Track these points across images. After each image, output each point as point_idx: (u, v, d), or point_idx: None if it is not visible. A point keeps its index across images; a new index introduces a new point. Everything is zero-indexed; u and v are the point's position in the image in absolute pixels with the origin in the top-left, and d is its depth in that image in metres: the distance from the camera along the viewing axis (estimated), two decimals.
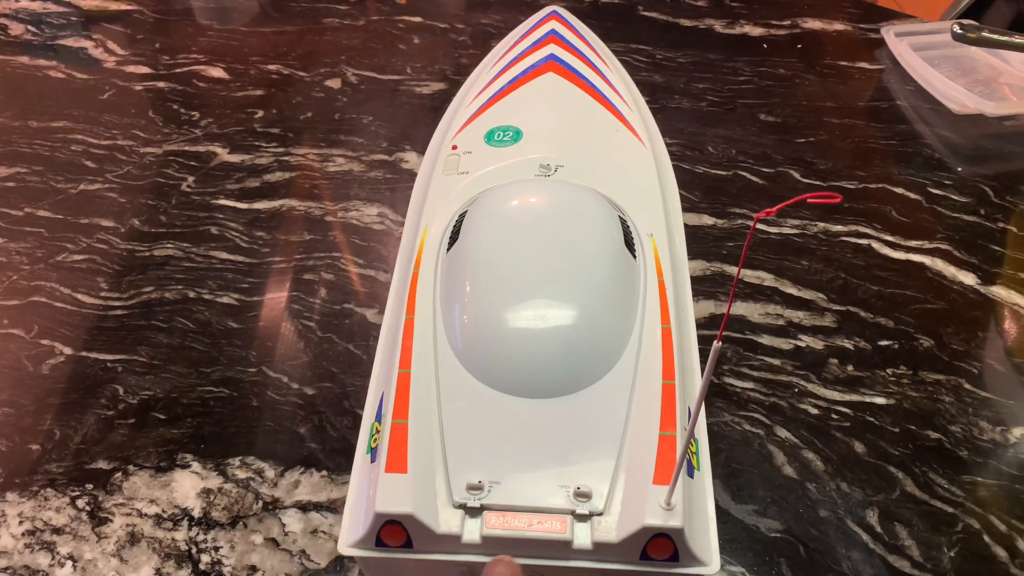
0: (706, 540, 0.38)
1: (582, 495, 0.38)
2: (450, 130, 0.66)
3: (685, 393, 0.43)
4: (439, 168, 0.60)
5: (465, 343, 0.44)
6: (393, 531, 0.37)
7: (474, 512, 0.38)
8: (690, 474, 0.40)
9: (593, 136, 0.63)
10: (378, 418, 0.43)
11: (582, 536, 0.37)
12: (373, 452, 0.41)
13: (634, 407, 0.41)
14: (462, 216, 0.52)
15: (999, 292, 0.67)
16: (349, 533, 0.39)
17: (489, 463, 0.39)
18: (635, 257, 0.50)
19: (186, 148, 0.83)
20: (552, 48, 0.71)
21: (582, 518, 0.37)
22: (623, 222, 0.52)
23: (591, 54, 0.72)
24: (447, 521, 0.37)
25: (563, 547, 0.37)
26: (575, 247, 0.48)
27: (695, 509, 0.39)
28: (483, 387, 0.43)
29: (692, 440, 0.42)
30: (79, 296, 0.66)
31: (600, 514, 0.37)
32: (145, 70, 0.96)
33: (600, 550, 0.37)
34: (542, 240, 0.48)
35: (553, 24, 0.76)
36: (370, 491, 0.39)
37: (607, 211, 0.51)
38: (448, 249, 0.50)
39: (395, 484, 0.38)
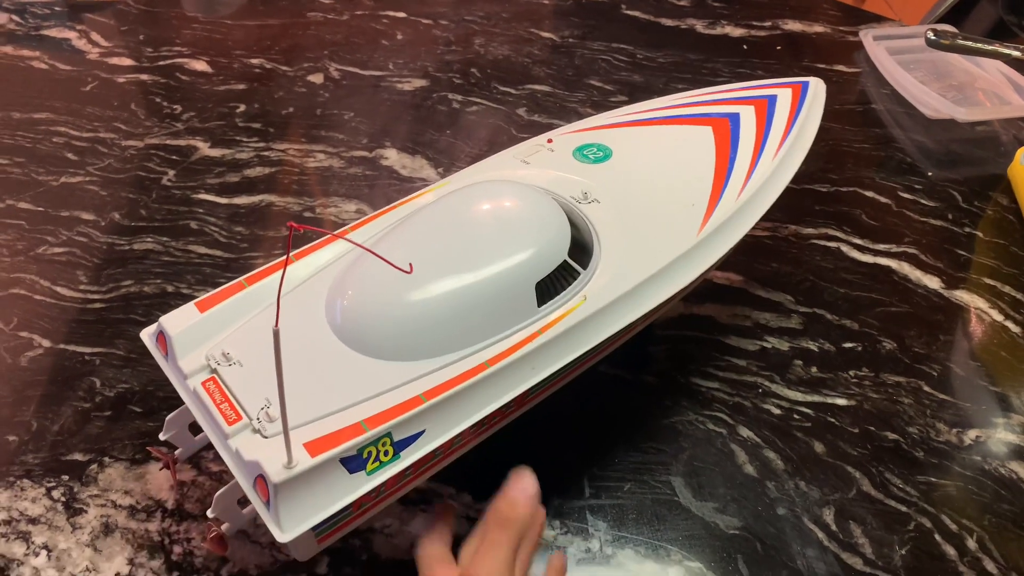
0: (300, 516, 0.39)
1: (268, 418, 0.42)
2: (586, 123, 0.66)
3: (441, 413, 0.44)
4: (519, 148, 0.62)
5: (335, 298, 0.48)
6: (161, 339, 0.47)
7: (207, 371, 0.45)
8: (352, 468, 0.41)
9: (667, 204, 0.56)
10: None
11: (236, 439, 0.41)
12: None
13: (380, 395, 0.43)
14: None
15: (962, 296, 0.69)
16: None
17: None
18: (539, 303, 0.47)
19: (167, 142, 0.84)
20: (746, 111, 0.64)
21: (252, 430, 0.42)
22: (567, 268, 0.49)
23: (773, 141, 0.61)
24: (193, 362, 0.45)
25: (221, 434, 0.42)
26: (473, 255, 0.48)
27: (318, 493, 0.40)
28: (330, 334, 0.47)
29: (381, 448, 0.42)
30: (58, 289, 0.67)
31: (261, 436, 0.41)
32: (128, 62, 0.96)
33: (235, 457, 0.41)
34: (449, 236, 0.50)
35: (786, 93, 0.66)
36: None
37: (543, 248, 0.48)
38: None
39: (187, 311, 0.47)
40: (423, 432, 0.42)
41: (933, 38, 0.88)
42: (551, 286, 0.48)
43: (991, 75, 0.95)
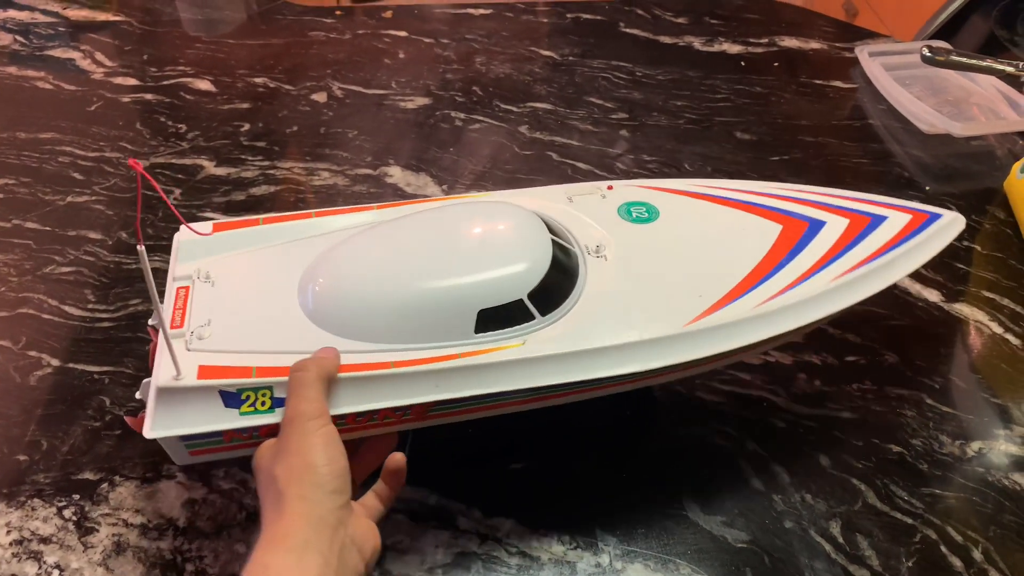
0: (168, 423, 0.45)
1: (199, 336, 0.48)
2: (658, 182, 0.62)
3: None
4: (574, 186, 0.61)
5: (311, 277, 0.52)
6: None
7: (188, 280, 0.52)
8: (227, 403, 0.45)
9: (674, 286, 0.52)
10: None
11: (174, 343, 0.47)
12: None
13: (295, 354, 0.47)
14: None
15: (962, 309, 0.69)
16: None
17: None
18: (476, 330, 0.48)
19: (173, 161, 0.84)
20: (836, 222, 0.57)
21: (185, 340, 0.48)
22: (521, 307, 0.49)
23: (845, 263, 0.54)
24: (186, 268, 0.53)
25: (164, 333, 0.46)
26: (434, 264, 0.50)
27: (190, 411, 0.45)
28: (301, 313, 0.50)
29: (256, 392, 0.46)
30: (66, 308, 0.68)
31: (185, 347, 0.47)
32: (133, 82, 0.97)
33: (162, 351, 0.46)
34: (426, 242, 0.52)
35: (901, 219, 0.58)
36: None
37: (501, 281, 0.49)
38: None
39: (204, 227, 0.56)
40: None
41: (928, 54, 0.89)
42: (497, 318, 0.48)
43: (986, 90, 0.96)
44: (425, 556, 0.51)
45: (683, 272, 0.53)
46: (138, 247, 0.39)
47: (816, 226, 0.57)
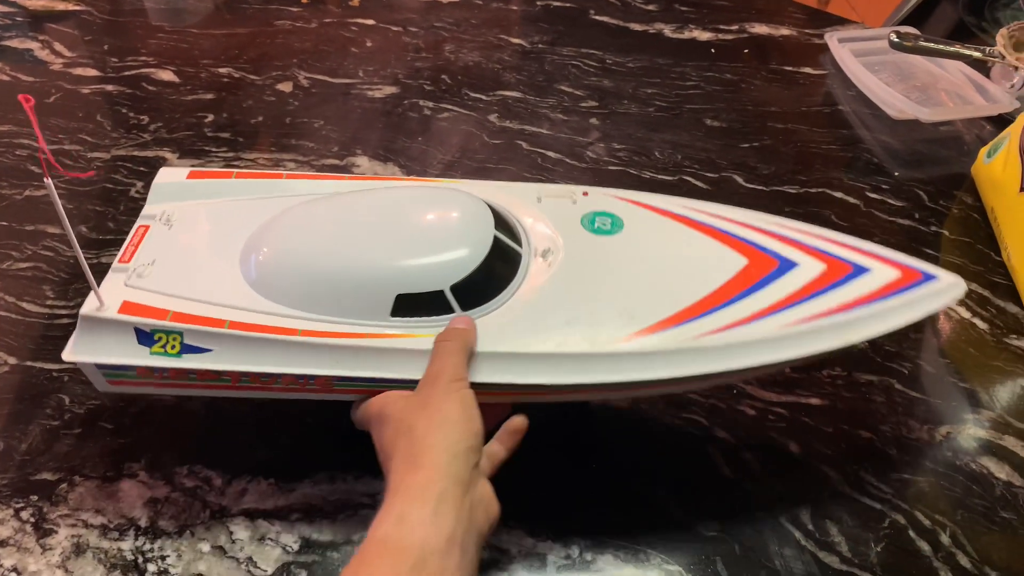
0: (85, 349, 0.48)
1: (139, 274, 0.51)
2: (635, 195, 0.58)
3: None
4: (548, 187, 0.58)
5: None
6: None
7: (151, 219, 0.56)
8: (140, 340, 0.48)
9: (609, 303, 0.50)
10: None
11: (114, 273, 0.52)
12: None
13: (219, 306, 0.49)
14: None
15: None
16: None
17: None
18: (392, 313, 0.48)
19: (135, 153, 0.82)
20: (811, 265, 0.52)
21: (126, 276, 0.51)
22: (441, 299, 0.48)
23: (807, 310, 0.50)
24: (153, 209, 0.57)
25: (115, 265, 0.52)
26: (367, 241, 0.51)
27: (105, 342, 0.48)
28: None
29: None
30: (24, 305, 0.66)
31: (124, 283, 0.51)
32: (93, 72, 0.95)
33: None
34: (367, 218, 0.52)
35: (888, 273, 0.52)
36: None
37: (425, 269, 0.49)
38: None
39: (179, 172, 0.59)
40: (211, 351, 0.48)
41: (896, 40, 0.89)
42: (415, 305, 0.48)
43: (953, 76, 0.96)
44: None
45: (625, 290, 0.50)
46: (45, 180, 0.40)
47: (786, 266, 0.52)
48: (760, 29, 1.07)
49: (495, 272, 0.50)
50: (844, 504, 0.54)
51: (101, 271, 0.68)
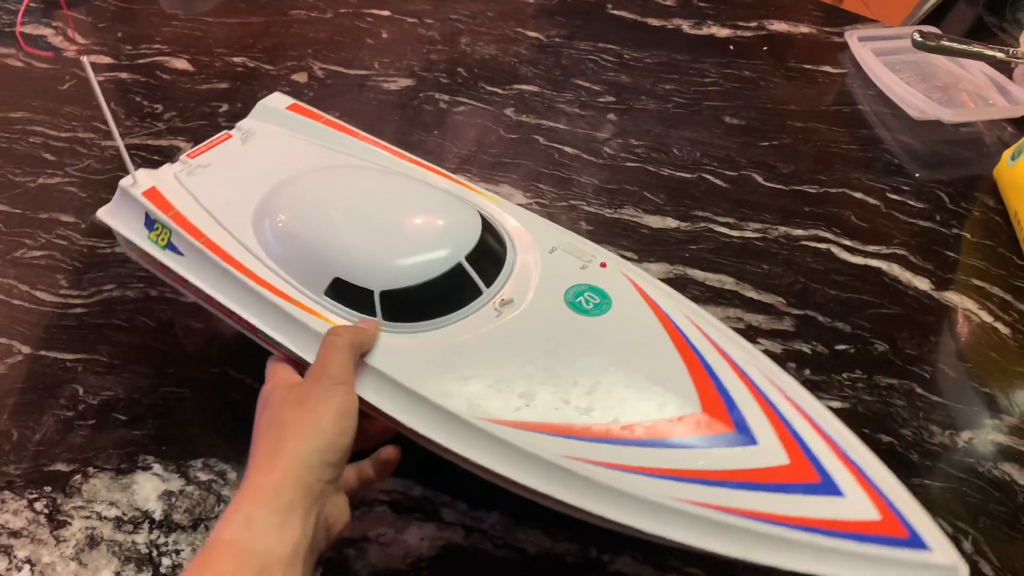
0: (113, 214, 0.56)
1: (189, 172, 0.57)
2: (657, 287, 0.52)
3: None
4: (573, 243, 0.53)
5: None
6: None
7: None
8: (145, 224, 0.54)
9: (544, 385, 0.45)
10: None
11: (169, 166, 0.58)
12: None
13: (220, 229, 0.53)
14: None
15: (952, 298, 0.69)
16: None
17: None
18: (325, 292, 0.49)
19: (148, 142, 0.82)
20: (763, 433, 0.42)
21: (181, 169, 0.57)
22: (366, 296, 0.48)
23: (736, 500, 0.40)
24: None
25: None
26: (340, 215, 0.51)
27: (126, 214, 0.55)
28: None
29: None
30: (38, 293, 0.66)
31: (167, 175, 0.57)
32: (107, 60, 0.94)
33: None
34: (361, 194, 0.53)
35: (859, 506, 0.40)
36: None
37: (366, 264, 0.48)
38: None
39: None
40: (183, 256, 0.52)
41: (919, 39, 0.88)
42: (347, 293, 0.48)
43: (975, 76, 0.95)
44: (409, 549, 0.50)
45: (547, 375, 0.44)
46: (80, 58, 0.45)
47: (741, 436, 0.42)
48: (779, 26, 1.06)
49: (437, 298, 0.47)
50: None
51: (120, 260, 0.68)
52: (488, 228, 0.51)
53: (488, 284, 0.49)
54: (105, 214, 0.56)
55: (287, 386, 0.44)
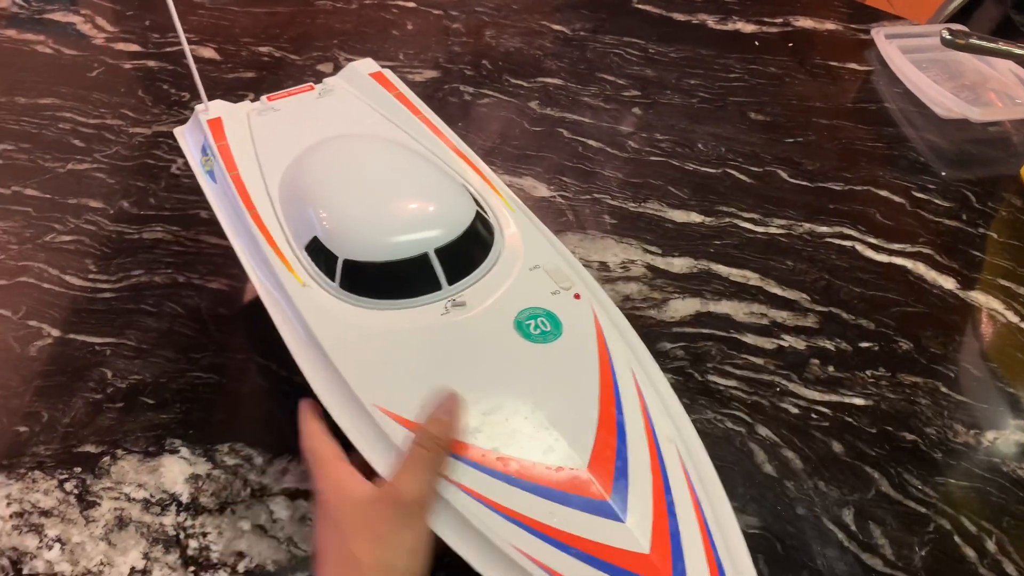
0: (188, 135, 0.63)
1: (259, 112, 0.63)
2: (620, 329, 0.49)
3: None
4: (558, 266, 0.51)
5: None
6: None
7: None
8: (202, 151, 0.60)
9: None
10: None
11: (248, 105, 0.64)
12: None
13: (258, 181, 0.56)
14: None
15: (977, 297, 0.68)
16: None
17: None
18: (309, 254, 0.50)
19: (175, 129, 0.82)
20: (636, 514, 0.39)
21: (253, 108, 0.63)
22: (331, 260, 0.49)
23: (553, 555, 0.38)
24: None
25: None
26: (327, 183, 0.53)
27: (194, 136, 0.63)
28: None
29: None
30: (67, 278, 0.66)
31: (247, 111, 0.63)
32: (135, 48, 0.95)
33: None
34: (365, 162, 0.55)
35: None
36: None
37: (334, 230, 0.50)
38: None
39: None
40: (216, 185, 0.57)
41: (948, 37, 0.87)
42: (319, 255, 0.49)
43: (1003, 75, 0.94)
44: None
45: (455, 385, 0.42)
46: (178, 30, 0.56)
47: (613, 505, 0.38)
48: (805, 23, 1.05)
49: (394, 280, 0.47)
50: (888, 506, 0.53)
51: (148, 246, 0.69)
52: (474, 229, 0.50)
53: (451, 282, 0.48)
54: (179, 132, 0.63)
55: (356, 504, 0.39)
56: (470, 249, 0.49)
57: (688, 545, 0.37)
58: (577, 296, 0.48)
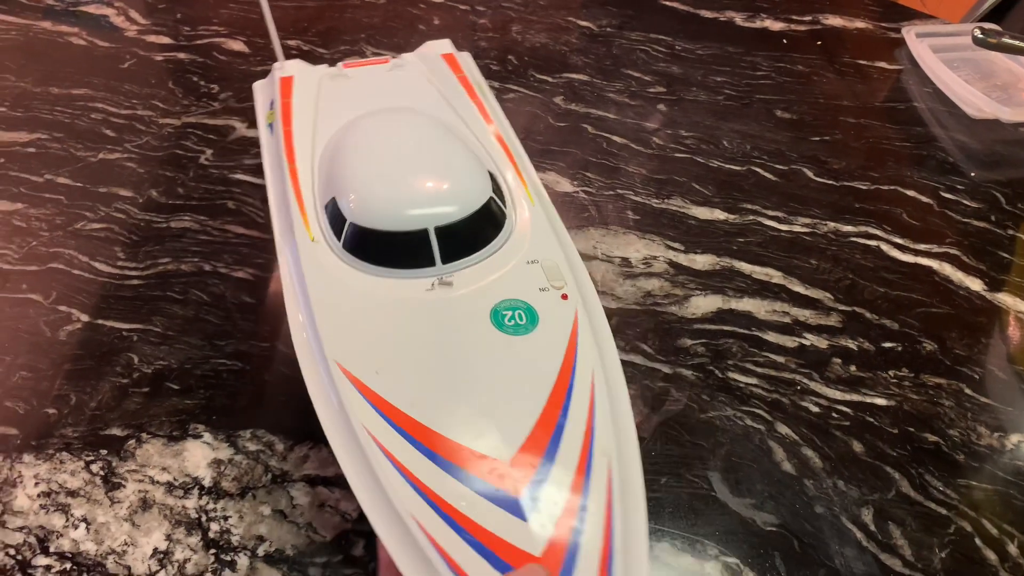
0: (259, 91, 0.68)
1: (330, 77, 0.66)
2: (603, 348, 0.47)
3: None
4: (556, 263, 0.50)
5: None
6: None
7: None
8: (267, 107, 0.64)
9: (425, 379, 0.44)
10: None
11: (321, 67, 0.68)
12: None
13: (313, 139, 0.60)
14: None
15: (1005, 299, 0.68)
16: None
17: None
18: (328, 217, 0.52)
19: (205, 121, 0.84)
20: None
21: (326, 72, 0.67)
22: (349, 230, 0.50)
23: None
24: None
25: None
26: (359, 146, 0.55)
27: (266, 91, 0.67)
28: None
29: None
30: (96, 264, 0.68)
31: (318, 75, 0.67)
32: (166, 40, 0.96)
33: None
34: (399, 137, 0.56)
35: None
36: None
37: (349, 190, 0.52)
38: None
39: None
40: (271, 138, 0.59)
41: (980, 36, 0.86)
42: (332, 214, 0.51)
43: None
44: None
45: (413, 359, 0.44)
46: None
47: (521, 504, 0.38)
48: (834, 21, 1.04)
49: (391, 250, 0.48)
50: (908, 507, 0.53)
51: (175, 235, 0.70)
52: (481, 214, 0.50)
53: (445, 261, 0.48)
54: (256, 86, 0.66)
55: None
56: (472, 232, 0.50)
57: (583, 563, 0.36)
58: (565, 297, 0.48)
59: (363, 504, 0.39)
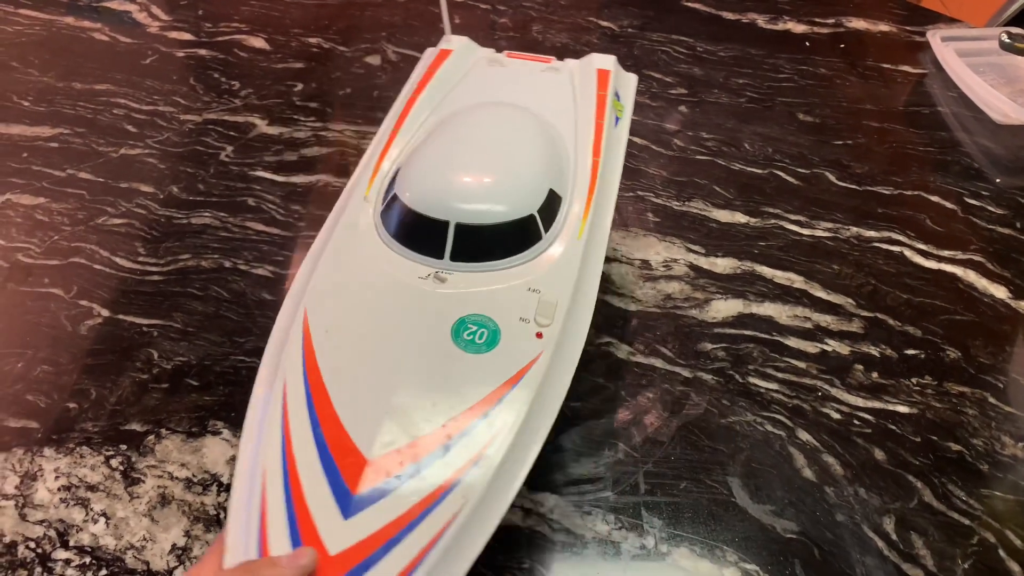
0: None
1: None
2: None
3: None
4: (557, 295, 0.47)
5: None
6: None
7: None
8: None
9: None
10: None
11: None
12: None
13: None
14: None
15: None
16: None
17: None
18: (380, 195, 0.52)
19: (225, 118, 0.84)
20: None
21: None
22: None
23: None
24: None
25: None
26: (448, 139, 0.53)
27: None
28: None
29: None
30: (117, 260, 0.68)
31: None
32: (187, 37, 0.96)
33: None
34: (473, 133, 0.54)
35: None
36: None
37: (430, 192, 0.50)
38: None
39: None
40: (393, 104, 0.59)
41: (1007, 40, 0.85)
42: (391, 182, 0.51)
43: None
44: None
45: (366, 331, 0.44)
46: None
47: (358, 499, 0.37)
48: (857, 24, 1.03)
49: (412, 232, 0.48)
50: (931, 517, 0.52)
51: (196, 231, 0.70)
52: (510, 227, 0.48)
53: (453, 258, 0.47)
54: (427, 52, 0.64)
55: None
56: (493, 240, 0.48)
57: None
58: (540, 335, 0.45)
59: (242, 443, 0.40)
